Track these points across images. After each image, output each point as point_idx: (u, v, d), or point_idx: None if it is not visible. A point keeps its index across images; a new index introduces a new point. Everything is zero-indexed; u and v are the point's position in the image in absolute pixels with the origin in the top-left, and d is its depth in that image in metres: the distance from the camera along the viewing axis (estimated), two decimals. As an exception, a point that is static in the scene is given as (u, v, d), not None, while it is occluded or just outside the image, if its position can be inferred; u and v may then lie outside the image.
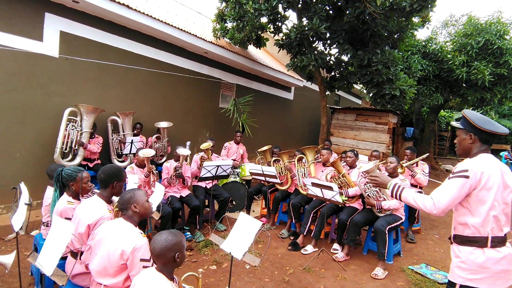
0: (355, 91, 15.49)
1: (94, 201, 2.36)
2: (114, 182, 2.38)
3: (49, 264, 1.82)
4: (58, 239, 1.88)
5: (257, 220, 2.41)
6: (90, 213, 2.27)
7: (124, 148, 5.57)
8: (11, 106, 4.53)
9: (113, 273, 1.94)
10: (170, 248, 1.68)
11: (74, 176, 2.63)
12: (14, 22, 4.45)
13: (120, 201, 2.10)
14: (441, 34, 12.56)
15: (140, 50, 6.16)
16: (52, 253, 1.86)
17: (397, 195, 2.06)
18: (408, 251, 4.56)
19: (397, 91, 6.12)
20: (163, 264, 1.71)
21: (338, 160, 4.49)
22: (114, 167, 2.48)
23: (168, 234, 1.73)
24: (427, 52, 9.82)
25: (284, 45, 6.93)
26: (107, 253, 1.94)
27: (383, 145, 9.91)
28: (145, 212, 2.15)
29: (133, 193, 2.12)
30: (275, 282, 3.46)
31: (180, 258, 1.72)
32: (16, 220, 2.35)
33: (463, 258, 1.86)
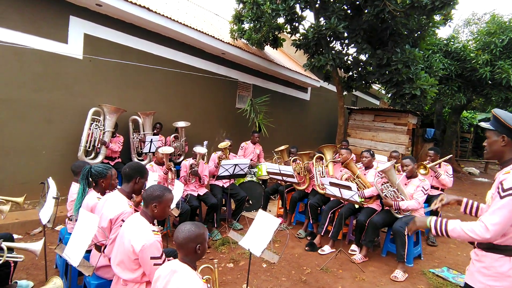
0: (373, 92, 15.25)
1: (115, 196, 2.43)
2: (137, 177, 2.45)
3: (76, 255, 1.90)
4: (85, 232, 1.95)
5: (275, 218, 2.42)
6: (112, 208, 2.34)
7: (144, 147, 5.70)
8: (38, 105, 4.73)
9: (131, 268, 1.99)
10: (193, 239, 1.71)
11: (104, 173, 2.73)
12: (40, 25, 4.65)
13: (148, 193, 2.11)
14: (463, 33, 12.20)
15: (159, 51, 6.30)
16: (78, 245, 1.93)
17: (443, 231, 1.83)
18: (429, 254, 4.44)
19: (418, 90, 5.98)
20: (185, 254, 1.75)
21: (352, 161, 4.44)
22: (139, 164, 2.56)
23: (192, 225, 1.77)
24: (449, 51, 9.54)
25: (301, 45, 6.92)
26: (123, 248, 2.00)
27: (402, 147, 9.68)
28: (161, 216, 2.16)
29: (163, 193, 2.11)
30: (292, 281, 3.45)
31: (201, 250, 1.75)
32: (44, 213, 2.46)
33: (487, 264, 1.78)
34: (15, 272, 3.09)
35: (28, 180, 4.65)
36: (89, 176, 2.68)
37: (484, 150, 1.91)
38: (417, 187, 3.91)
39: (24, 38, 4.48)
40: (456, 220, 1.82)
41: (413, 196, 3.86)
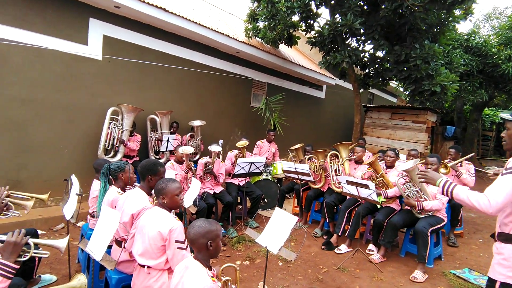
0: (390, 89, 14.94)
1: (136, 193, 2.49)
2: (149, 176, 2.51)
3: (98, 250, 1.95)
4: (107, 227, 2.01)
5: (292, 215, 2.41)
6: (133, 203, 2.40)
7: (161, 145, 5.80)
8: (60, 105, 4.88)
9: (155, 255, 2.06)
10: (203, 235, 1.73)
11: (123, 167, 2.81)
12: (62, 27, 4.79)
13: (155, 188, 2.24)
14: (484, 28, 11.77)
15: (176, 51, 6.39)
16: (101, 240, 1.99)
17: (448, 191, 1.95)
18: (449, 255, 4.32)
19: (438, 87, 5.82)
20: (197, 250, 1.77)
21: (376, 160, 4.35)
22: (150, 162, 2.60)
23: (203, 221, 1.79)
24: (470, 46, 9.23)
25: (317, 42, 6.85)
26: (147, 237, 2.07)
27: (420, 145, 9.46)
28: (173, 206, 2.25)
29: (165, 184, 2.23)
30: (308, 280, 3.43)
31: (213, 247, 1.76)
32: (68, 209, 2.54)
33: (506, 256, 1.79)
34: (39, 267, 3.21)
35: (50, 178, 4.80)
36: (108, 173, 2.74)
37: (503, 141, 1.93)
38: (440, 186, 3.80)
39: (46, 40, 4.63)
40: (464, 187, 1.92)
41: (436, 196, 3.75)
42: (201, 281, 1.64)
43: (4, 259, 1.68)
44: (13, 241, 1.71)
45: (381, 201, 3.89)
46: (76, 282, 1.77)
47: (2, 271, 1.65)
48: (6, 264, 1.66)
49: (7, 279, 1.66)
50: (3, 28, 4.22)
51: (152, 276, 2.07)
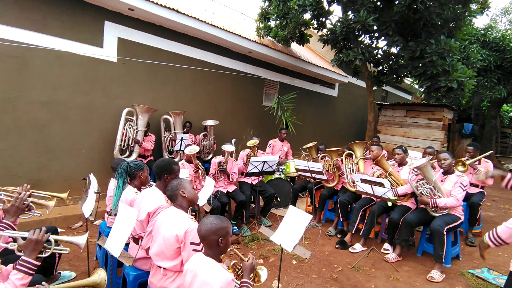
0: (405, 86, 14.67)
1: (153, 191, 2.54)
2: (165, 175, 2.55)
3: (116, 246, 2.00)
4: (124, 224, 2.06)
5: (307, 213, 2.41)
6: (150, 202, 2.45)
7: (175, 145, 5.88)
8: (78, 107, 5.02)
9: (170, 256, 2.08)
10: (214, 232, 1.75)
11: (142, 166, 2.87)
12: (78, 31, 4.92)
13: (169, 189, 2.25)
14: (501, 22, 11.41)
15: (188, 52, 6.46)
16: (119, 237, 2.04)
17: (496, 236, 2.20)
18: (467, 254, 4.22)
19: (455, 83, 5.68)
20: (208, 247, 1.79)
21: (383, 158, 4.30)
22: (165, 161, 2.65)
23: (214, 218, 1.81)
24: (487, 41, 8.97)
25: (329, 40, 6.79)
26: (163, 238, 2.09)
27: (437, 143, 9.25)
28: (193, 198, 2.28)
29: (179, 180, 2.28)
30: (323, 279, 3.42)
31: (224, 244, 1.78)
32: (86, 207, 2.61)
33: None
34: (59, 263, 3.31)
35: (69, 177, 4.94)
36: (128, 171, 2.80)
37: None
38: (455, 183, 3.72)
39: (64, 44, 4.76)
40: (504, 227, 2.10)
41: (451, 193, 3.67)
42: (220, 276, 1.66)
43: (25, 256, 1.73)
44: (34, 239, 1.76)
45: (394, 199, 3.83)
46: (96, 277, 1.82)
47: (24, 267, 1.70)
48: (27, 261, 1.71)
49: (29, 276, 1.71)
50: (24, 32, 4.37)
51: (169, 277, 2.10)
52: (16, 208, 2.12)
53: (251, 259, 1.97)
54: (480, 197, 4.66)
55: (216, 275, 1.67)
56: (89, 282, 1.81)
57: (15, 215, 2.12)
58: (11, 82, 4.35)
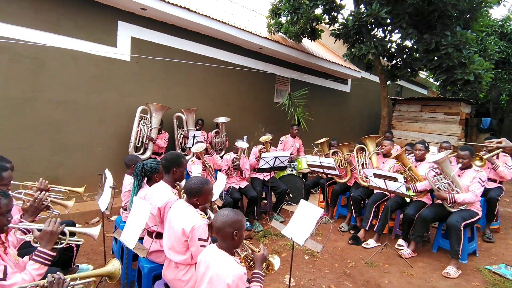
0: (420, 80, 14.34)
1: (161, 186, 2.58)
2: (174, 167, 2.57)
3: (131, 239, 2.05)
4: (139, 218, 2.11)
5: (318, 207, 2.40)
6: (159, 197, 2.49)
7: (187, 142, 5.95)
8: (93, 106, 5.14)
9: (180, 250, 2.12)
10: (230, 224, 1.77)
11: (158, 168, 2.92)
12: (92, 31, 5.02)
13: (188, 188, 2.22)
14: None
15: (200, 50, 6.50)
16: (134, 229, 2.09)
17: None
18: (485, 250, 4.11)
19: (471, 76, 5.52)
20: (222, 239, 1.81)
21: (403, 153, 4.22)
22: (174, 154, 2.67)
23: (231, 211, 1.83)
24: (505, 33, 8.66)
25: (341, 35, 6.71)
26: (172, 231, 2.13)
27: (454, 138, 9.02)
28: (203, 206, 2.29)
29: (202, 188, 2.21)
30: (335, 274, 3.40)
31: (238, 237, 1.80)
32: (102, 202, 2.69)
33: None
34: (77, 257, 3.42)
35: (85, 175, 5.08)
36: (143, 173, 2.86)
37: None
38: (473, 178, 3.63)
39: (79, 44, 4.87)
40: None
41: (469, 188, 3.59)
42: (232, 269, 1.68)
43: (41, 247, 1.80)
44: (49, 230, 1.82)
45: (411, 195, 3.76)
46: (111, 267, 1.88)
47: (40, 258, 1.76)
48: (43, 252, 1.78)
49: (45, 266, 1.77)
50: (39, 33, 4.49)
51: (181, 270, 2.14)
52: (34, 209, 2.19)
53: (262, 250, 1.98)
54: (498, 192, 4.53)
55: (229, 268, 1.69)
56: (104, 272, 1.87)
57: (33, 215, 2.20)
58: (28, 82, 4.48)
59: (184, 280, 2.11)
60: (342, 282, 3.25)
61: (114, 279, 1.89)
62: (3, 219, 1.78)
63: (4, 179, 2.30)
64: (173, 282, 2.15)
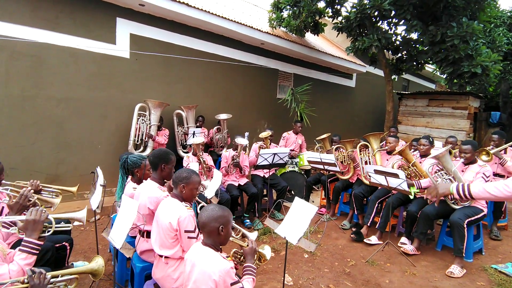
0: (427, 74, 14.03)
1: (148, 185, 2.53)
2: (162, 164, 2.52)
3: (119, 238, 2.01)
4: (126, 217, 2.06)
5: (312, 205, 2.32)
6: (148, 197, 2.42)
7: (187, 139, 5.90)
8: (94, 103, 5.13)
9: (170, 245, 2.09)
10: (215, 219, 1.74)
11: (139, 163, 2.87)
12: (92, 29, 5.00)
13: (176, 175, 2.21)
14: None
15: (200, 46, 6.44)
16: (121, 228, 2.04)
17: (466, 194, 1.94)
18: (491, 249, 3.98)
19: (479, 68, 5.34)
20: (208, 235, 1.77)
21: (407, 148, 4.10)
22: (162, 150, 2.61)
23: (216, 206, 1.81)
24: (514, 24, 8.37)
25: (343, 28, 6.56)
26: (160, 227, 2.11)
27: (462, 133, 8.81)
28: (189, 198, 2.23)
29: (190, 175, 2.20)
30: (335, 273, 3.32)
31: (224, 233, 1.76)
32: (94, 200, 2.65)
33: None
34: (74, 256, 3.41)
35: (86, 172, 5.06)
36: (125, 166, 2.82)
37: None
38: (477, 173, 3.50)
39: (78, 41, 4.86)
40: (479, 183, 1.99)
41: None
42: (218, 265, 1.65)
43: (27, 237, 1.78)
44: (32, 219, 1.80)
45: (414, 192, 3.64)
46: (94, 264, 1.86)
47: (27, 248, 1.75)
48: (29, 241, 1.76)
49: (32, 255, 1.76)
50: (38, 31, 4.49)
51: (171, 266, 2.10)
52: (20, 205, 2.15)
53: (250, 243, 1.95)
54: (506, 188, 4.37)
55: (214, 264, 1.66)
56: (87, 269, 1.84)
57: (19, 212, 2.16)
58: (28, 80, 4.49)
59: (174, 278, 2.08)
60: (342, 281, 3.17)
61: (98, 276, 1.87)
62: None
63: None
64: (163, 279, 2.11)
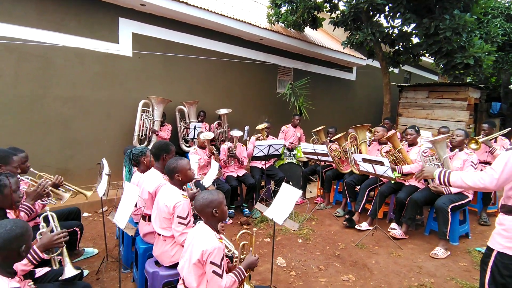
0: (429, 66, 14.01)
1: (152, 173, 2.79)
2: (163, 154, 2.78)
3: (122, 220, 2.26)
4: (129, 200, 2.31)
5: (297, 189, 2.54)
6: (150, 183, 2.69)
7: (189, 133, 6.15)
8: (99, 102, 5.38)
9: (167, 226, 2.34)
10: (207, 205, 1.94)
11: (144, 151, 3.12)
12: (95, 28, 5.24)
13: (166, 169, 2.45)
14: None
15: (200, 43, 6.64)
16: (124, 211, 2.29)
17: (445, 180, 2.07)
18: (479, 233, 4.16)
19: (471, 59, 5.45)
20: (206, 218, 1.99)
21: (395, 135, 4.28)
22: (162, 142, 2.90)
23: (205, 193, 2.00)
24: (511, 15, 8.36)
25: (339, 22, 6.69)
26: (159, 209, 2.36)
27: (461, 124, 8.87)
28: (188, 180, 2.49)
29: (176, 163, 2.43)
30: (325, 256, 3.55)
31: (219, 213, 1.97)
32: (100, 188, 2.91)
33: (506, 227, 1.83)
34: (84, 242, 3.69)
35: (93, 167, 5.34)
36: (131, 158, 3.07)
37: None
38: (465, 161, 3.67)
39: (82, 42, 5.10)
40: (458, 172, 2.04)
41: None
42: (210, 242, 1.85)
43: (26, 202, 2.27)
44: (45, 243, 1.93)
45: (395, 176, 3.83)
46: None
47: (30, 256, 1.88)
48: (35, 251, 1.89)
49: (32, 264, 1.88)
50: (45, 33, 4.74)
51: (168, 243, 2.35)
52: (36, 193, 2.42)
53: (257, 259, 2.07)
54: (495, 175, 4.52)
55: (207, 239, 1.86)
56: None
57: (35, 199, 2.43)
58: (36, 80, 4.75)
59: (171, 254, 2.33)
60: (331, 263, 3.39)
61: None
62: (16, 196, 2.04)
63: (13, 162, 2.58)
64: (161, 255, 2.36)
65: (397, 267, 3.26)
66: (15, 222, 1.53)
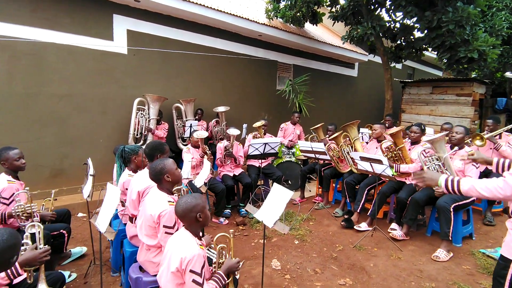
0: (433, 61, 13.74)
1: (144, 173, 2.67)
2: (157, 154, 2.65)
3: (103, 223, 2.15)
4: (110, 203, 2.20)
5: (288, 190, 2.41)
6: (140, 182, 2.58)
7: (185, 131, 6.04)
8: (94, 99, 5.29)
9: (151, 234, 2.19)
10: (191, 210, 1.81)
11: (136, 150, 3.01)
12: (89, 26, 5.14)
13: (153, 172, 2.26)
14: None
15: (197, 40, 6.52)
16: (105, 214, 2.18)
17: (455, 189, 1.76)
18: (483, 234, 4.00)
19: (475, 53, 5.25)
20: (188, 224, 1.86)
21: (400, 132, 4.12)
22: (156, 142, 2.78)
23: (188, 197, 1.86)
24: (517, 7, 8.09)
25: (338, 16, 6.52)
26: (145, 216, 2.21)
27: (466, 120, 8.64)
28: (177, 180, 2.33)
29: (163, 163, 2.26)
30: (322, 258, 3.42)
31: (203, 218, 1.84)
32: (86, 189, 2.81)
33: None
34: (75, 243, 3.60)
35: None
36: (123, 155, 2.96)
37: None
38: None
39: (76, 39, 5.00)
40: (469, 180, 1.75)
41: (465, 174, 3.46)
42: (189, 249, 1.73)
43: None
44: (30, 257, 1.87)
45: (392, 174, 3.68)
46: None
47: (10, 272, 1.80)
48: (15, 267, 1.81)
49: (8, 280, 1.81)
50: (38, 30, 4.65)
51: (152, 252, 2.22)
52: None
53: (237, 262, 1.96)
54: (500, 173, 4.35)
55: (187, 246, 1.75)
56: None
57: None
58: (30, 78, 4.67)
59: (155, 262, 2.19)
60: (328, 265, 3.27)
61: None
62: None
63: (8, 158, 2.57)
64: (145, 263, 2.24)
65: (397, 271, 3.12)
66: (10, 232, 1.51)
